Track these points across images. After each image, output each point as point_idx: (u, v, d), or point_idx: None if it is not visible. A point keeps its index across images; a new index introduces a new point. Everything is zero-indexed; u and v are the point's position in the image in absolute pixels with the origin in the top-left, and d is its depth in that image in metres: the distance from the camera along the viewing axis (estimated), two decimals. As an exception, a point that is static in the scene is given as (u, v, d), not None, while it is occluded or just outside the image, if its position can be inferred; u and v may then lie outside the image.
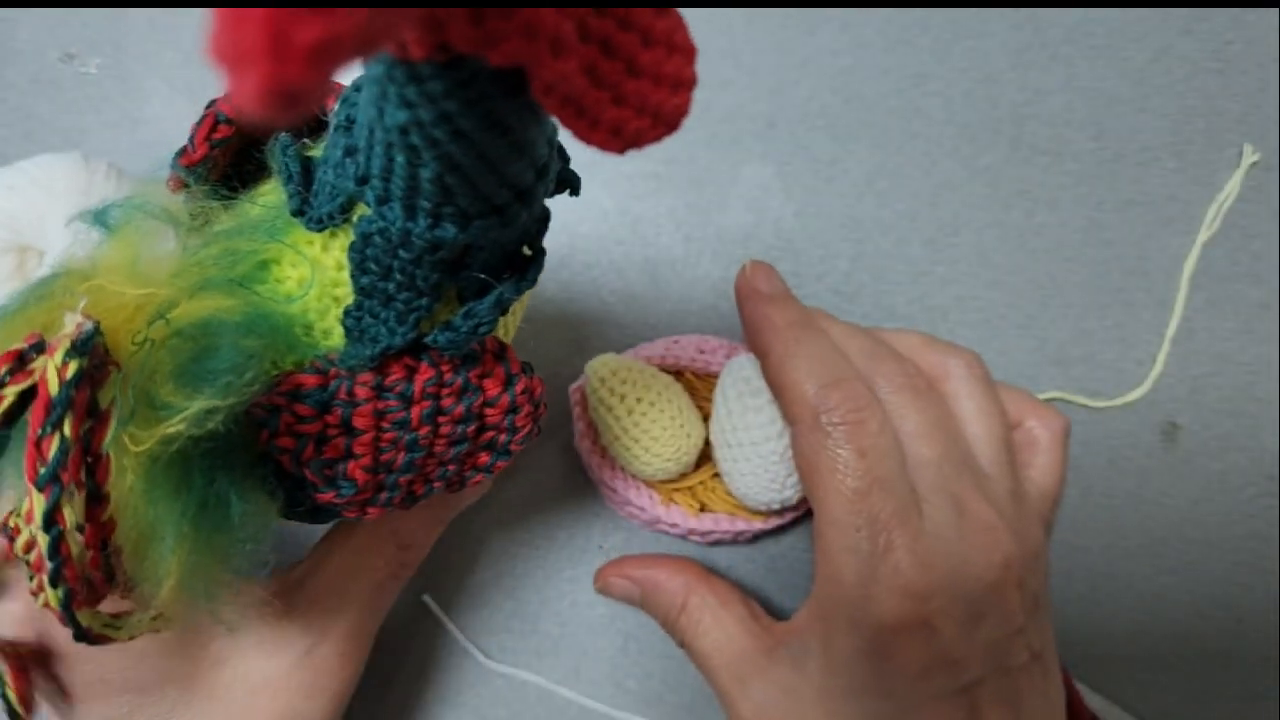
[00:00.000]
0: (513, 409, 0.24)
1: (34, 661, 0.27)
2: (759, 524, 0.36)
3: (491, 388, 0.23)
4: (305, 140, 0.23)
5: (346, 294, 0.22)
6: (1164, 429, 0.40)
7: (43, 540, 0.18)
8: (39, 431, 0.18)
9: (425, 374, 0.23)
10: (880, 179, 0.42)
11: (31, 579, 0.19)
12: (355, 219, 0.20)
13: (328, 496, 0.23)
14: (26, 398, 0.18)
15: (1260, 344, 0.40)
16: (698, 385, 0.37)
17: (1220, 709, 0.38)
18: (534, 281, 0.22)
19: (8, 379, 0.19)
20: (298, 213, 0.22)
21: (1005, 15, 0.43)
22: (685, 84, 0.17)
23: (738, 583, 0.38)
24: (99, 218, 0.23)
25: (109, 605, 0.21)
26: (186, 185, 0.25)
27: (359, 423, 0.22)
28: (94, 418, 0.18)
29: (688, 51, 0.17)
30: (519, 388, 0.24)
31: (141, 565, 0.20)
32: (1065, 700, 0.30)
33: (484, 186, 0.18)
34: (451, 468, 0.24)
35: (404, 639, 0.38)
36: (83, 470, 0.18)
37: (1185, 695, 0.38)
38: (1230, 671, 0.38)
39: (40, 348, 0.19)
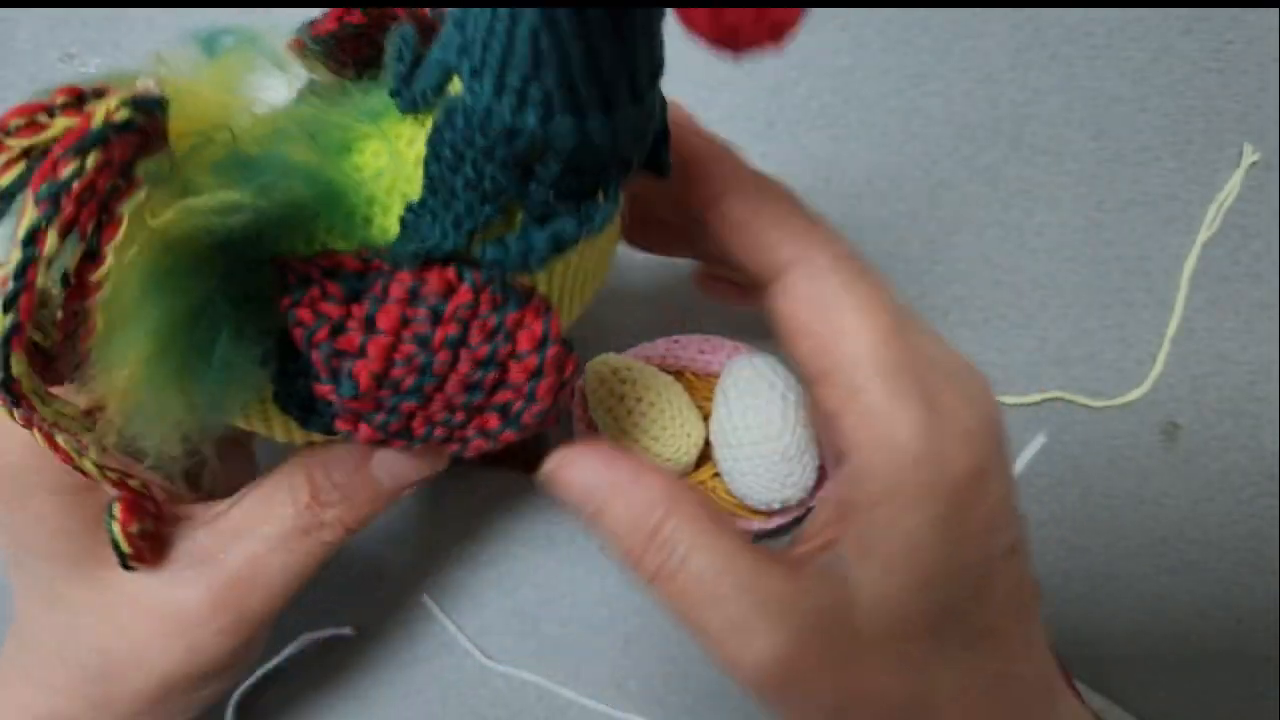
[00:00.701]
0: (538, 373, 0.22)
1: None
2: (759, 523, 0.36)
3: (524, 341, 0.22)
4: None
5: (416, 193, 0.21)
6: (1164, 429, 0.40)
7: (15, 256, 0.17)
8: (61, 151, 0.17)
9: (463, 296, 0.22)
10: (879, 179, 0.42)
11: None
12: (445, 100, 0.20)
13: (326, 389, 0.22)
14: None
15: (1261, 344, 0.40)
16: (698, 385, 0.37)
17: (1221, 709, 0.38)
18: (600, 226, 0.21)
19: (59, 112, 0.18)
20: (395, 93, 0.21)
21: (1005, 15, 0.43)
22: None
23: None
24: (208, 42, 0.22)
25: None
26: (305, 51, 0.24)
27: (382, 322, 0.21)
28: (124, 178, 0.18)
29: None
30: (551, 353, 0.22)
31: (104, 348, 0.19)
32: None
33: (576, 70, 0.18)
34: (459, 416, 0.23)
35: (404, 639, 0.38)
36: (91, 220, 0.17)
37: (1186, 695, 0.38)
38: (1231, 671, 0.38)
39: (102, 93, 0.18)
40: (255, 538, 0.27)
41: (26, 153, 0.18)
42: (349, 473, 0.27)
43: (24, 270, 0.17)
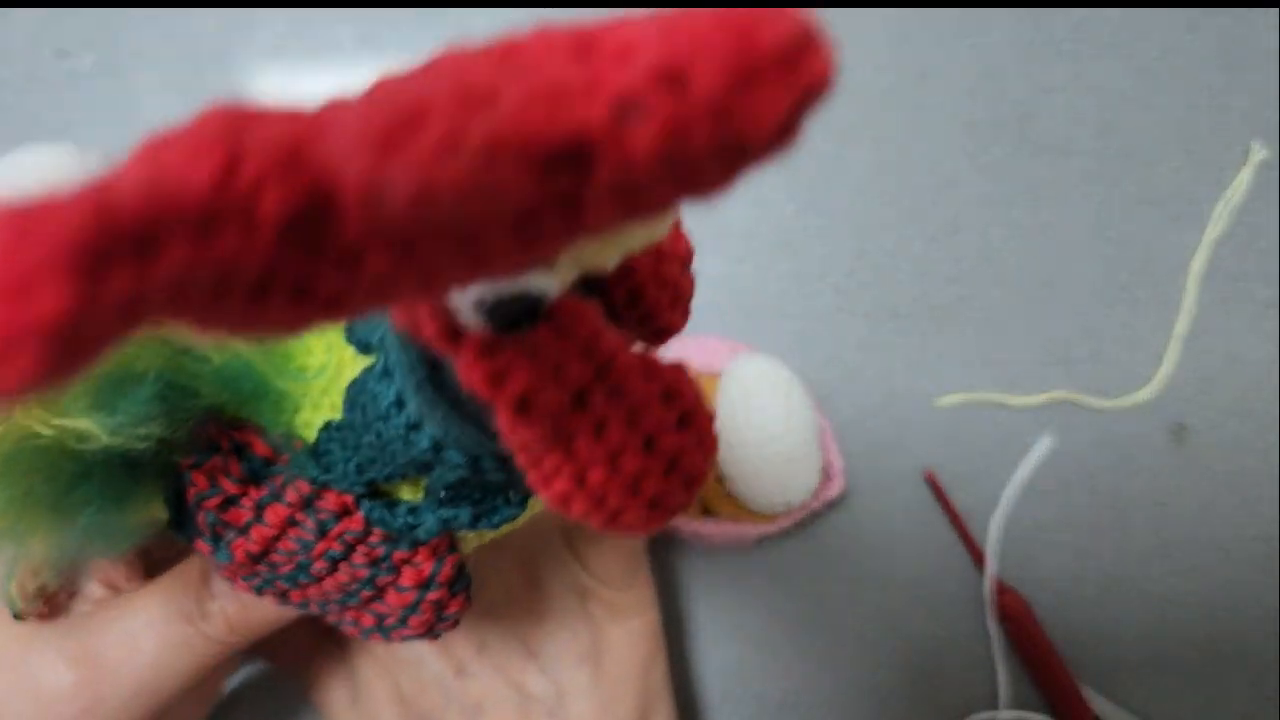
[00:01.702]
0: (412, 609, 0.22)
1: None
2: (764, 526, 0.36)
3: (408, 577, 0.22)
4: None
5: (339, 407, 0.21)
6: (1172, 430, 0.40)
7: None
8: None
9: (354, 524, 0.21)
10: (883, 176, 0.41)
11: None
12: (372, 358, 0.20)
13: (204, 548, 0.22)
14: None
15: (1268, 343, 0.40)
16: (700, 386, 0.36)
17: (1230, 713, 0.38)
18: (498, 525, 0.21)
19: None
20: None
21: (1010, 12, 0.42)
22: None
23: (742, 588, 0.38)
24: None
25: None
26: None
27: (269, 516, 0.21)
28: None
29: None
30: (431, 596, 0.22)
31: None
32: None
33: (469, 425, 0.17)
34: (333, 606, 0.23)
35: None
36: None
37: (1194, 699, 0.38)
38: (1239, 675, 0.38)
39: None
40: (136, 615, 0.26)
41: None
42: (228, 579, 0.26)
43: None
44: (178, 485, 0.22)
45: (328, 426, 0.21)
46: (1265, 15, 0.42)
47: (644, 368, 0.14)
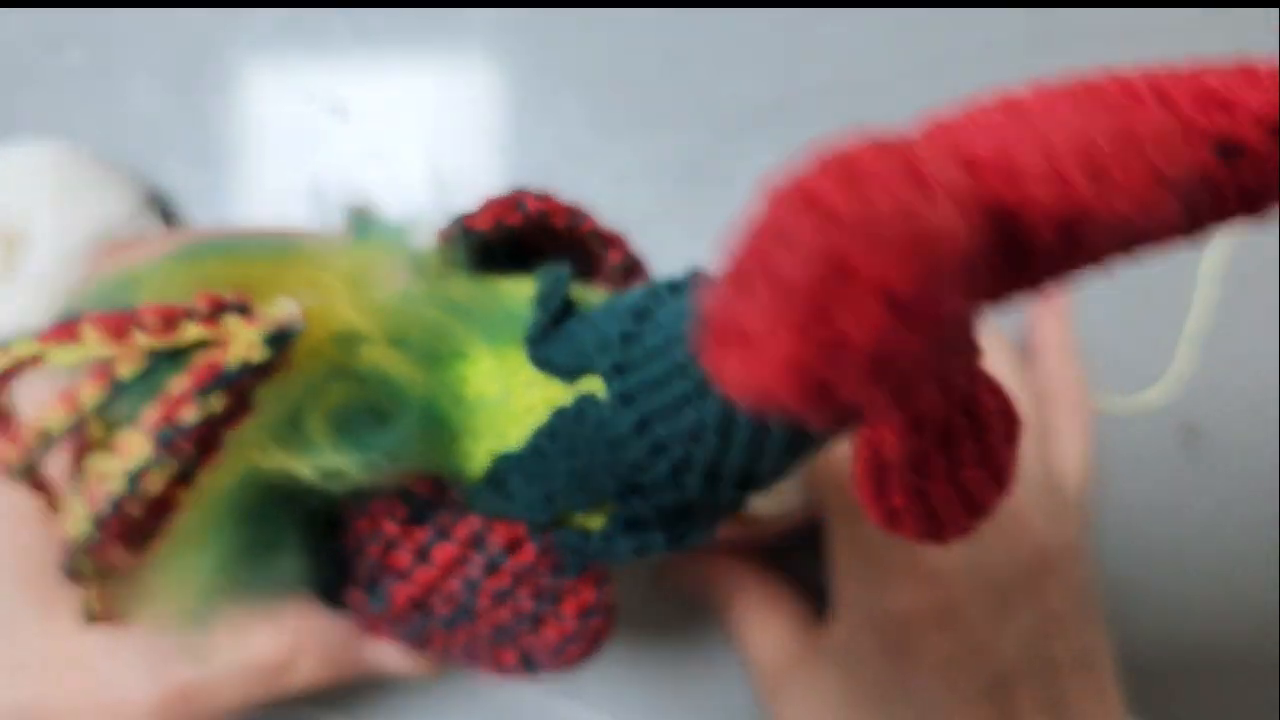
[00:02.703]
0: (570, 639, 0.22)
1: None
2: (764, 530, 0.35)
3: (570, 606, 0.22)
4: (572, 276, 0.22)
5: (513, 439, 0.20)
6: (1183, 433, 0.39)
7: (116, 484, 0.16)
8: (187, 389, 0.16)
9: (525, 556, 0.21)
10: (888, 173, 0.41)
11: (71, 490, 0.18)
12: (578, 385, 0.19)
13: (358, 597, 0.22)
14: (188, 349, 0.17)
15: (1281, 344, 0.40)
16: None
17: (1226, 712, 0.38)
18: (687, 549, 0.21)
19: (196, 319, 0.17)
20: (532, 341, 0.20)
21: (1013, 13, 0.42)
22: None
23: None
24: (360, 220, 0.22)
25: None
26: (451, 242, 0.23)
27: (437, 556, 0.21)
28: (241, 409, 0.17)
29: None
30: (593, 623, 0.22)
31: (164, 563, 0.19)
32: None
33: (724, 458, 0.17)
34: (480, 647, 0.23)
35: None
36: (195, 447, 0.17)
37: (1205, 703, 0.38)
38: (1236, 674, 0.38)
39: (243, 309, 0.17)
40: (224, 660, 0.27)
41: (151, 357, 0.17)
42: (341, 633, 0.27)
43: (118, 505, 0.17)
44: (328, 545, 0.22)
45: (505, 458, 0.20)
46: (1268, 15, 0.42)
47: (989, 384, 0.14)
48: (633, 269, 0.25)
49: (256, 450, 0.18)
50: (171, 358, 0.17)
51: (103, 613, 0.25)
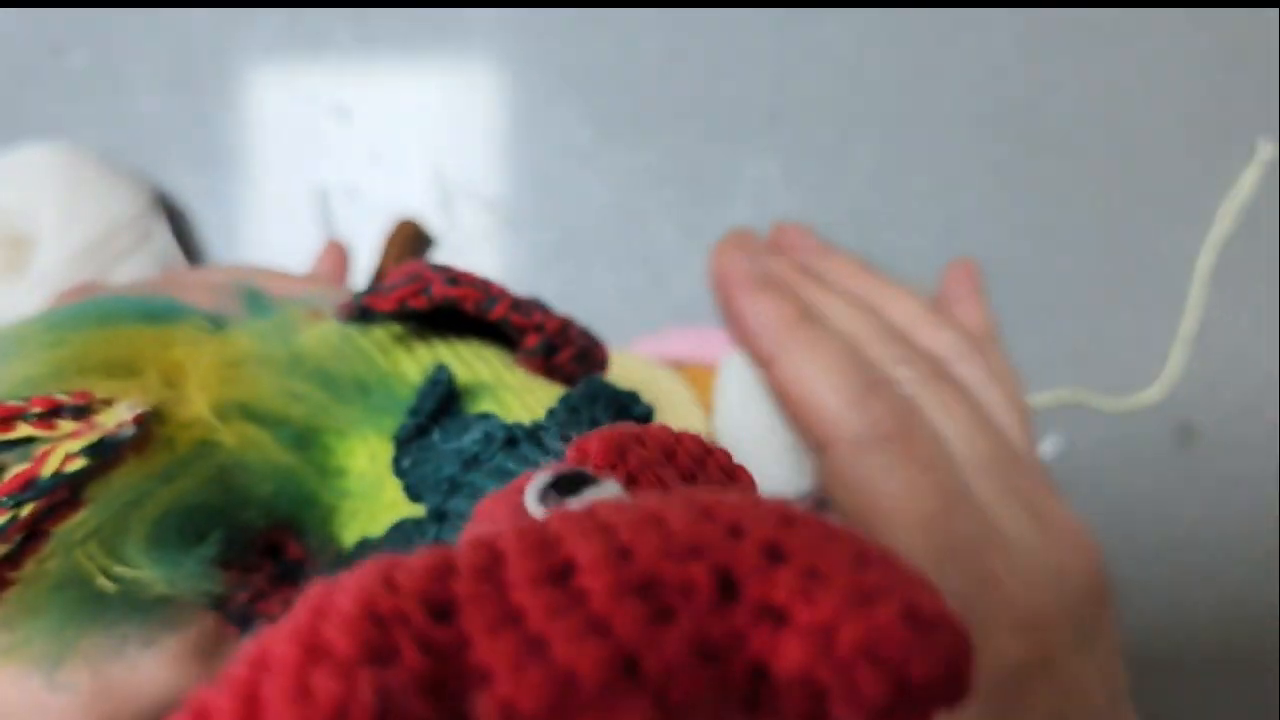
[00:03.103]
0: None
1: None
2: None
3: None
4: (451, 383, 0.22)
5: (380, 526, 0.20)
6: (1179, 430, 0.39)
7: None
8: (1, 499, 0.17)
9: None
10: (887, 173, 0.41)
11: None
12: (416, 507, 0.19)
13: (232, 629, 0.23)
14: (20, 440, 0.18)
15: (1275, 342, 0.40)
16: (699, 379, 0.36)
17: (1226, 710, 0.38)
18: None
19: (31, 419, 0.18)
20: (397, 442, 0.20)
21: (1014, 11, 0.42)
22: None
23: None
24: (252, 299, 0.22)
25: None
26: (353, 318, 0.23)
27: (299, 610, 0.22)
28: (67, 505, 0.18)
29: None
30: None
31: (6, 624, 0.19)
32: None
33: None
34: None
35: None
36: (17, 535, 0.17)
37: (1202, 699, 0.37)
38: (1236, 673, 0.38)
39: (81, 412, 0.18)
40: (148, 650, 0.26)
41: None
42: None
43: None
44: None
45: (364, 543, 0.20)
46: (1271, 14, 0.42)
47: None
48: (560, 346, 0.24)
49: (78, 548, 0.18)
50: (8, 446, 0.18)
51: None
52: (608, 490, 0.11)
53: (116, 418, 0.18)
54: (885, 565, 0.08)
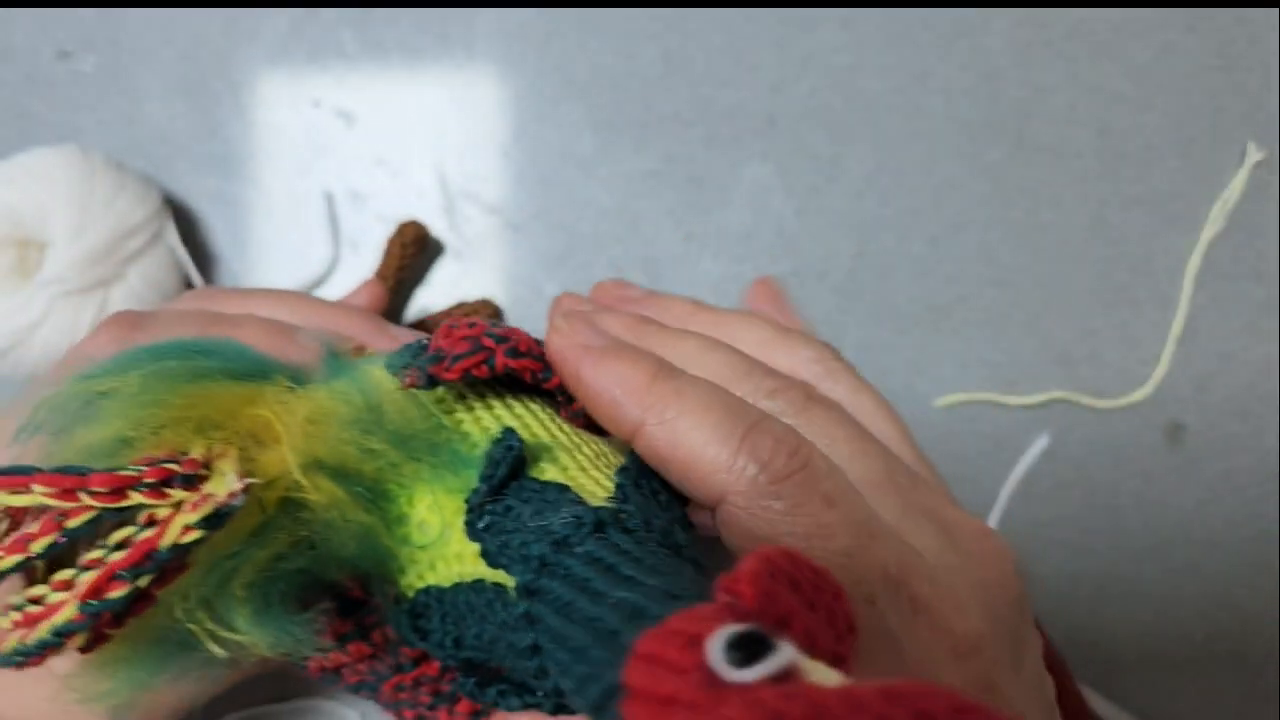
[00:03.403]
0: None
1: None
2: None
3: (463, 708, 0.23)
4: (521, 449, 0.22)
5: (442, 576, 0.21)
6: (1168, 429, 0.40)
7: (44, 634, 0.18)
8: (121, 571, 0.17)
9: (429, 670, 0.23)
10: (882, 177, 0.41)
11: (12, 610, 0.19)
12: (498, 573, 0.20)
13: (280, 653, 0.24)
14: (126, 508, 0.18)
15: (1265, 343, 0.40)
16: None
17: (1226, 711, 0.38)
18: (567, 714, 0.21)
19: (143, 489, 0.18)
20: (470, 508, 0.21)
21: (1007, 13, 0.42)
22: None
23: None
24: (332, 362, 0.23)
25: None
26: (419, 386, 0.23)
27: (350, 649, 0.23)
28: (174, 570, 0.18)
29: None
30: None
31: (97, 672, 0.20)
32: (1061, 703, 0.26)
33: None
34: (383, 703, 0.24)
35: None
36: (127, 595, 0.18)
37: (1191, 698, 0.38)
38: (1237, 673, 0.38)
39: (190, 480, 0.18)
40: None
41: (97, 516, 0.18)
42: None
43: (41, 648, 0.18)
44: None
45: (428, 591, 0.21)
46: (1262, 16, 0.42)
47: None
48: None
49: (183, 613, 0.19)
50: (118, 510, 0.18)
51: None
52: (785, 656, 0.12)
53: (227, 487, 0.18)
54: None
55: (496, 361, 0.23)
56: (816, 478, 0.21)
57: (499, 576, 0.20)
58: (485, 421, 0.23)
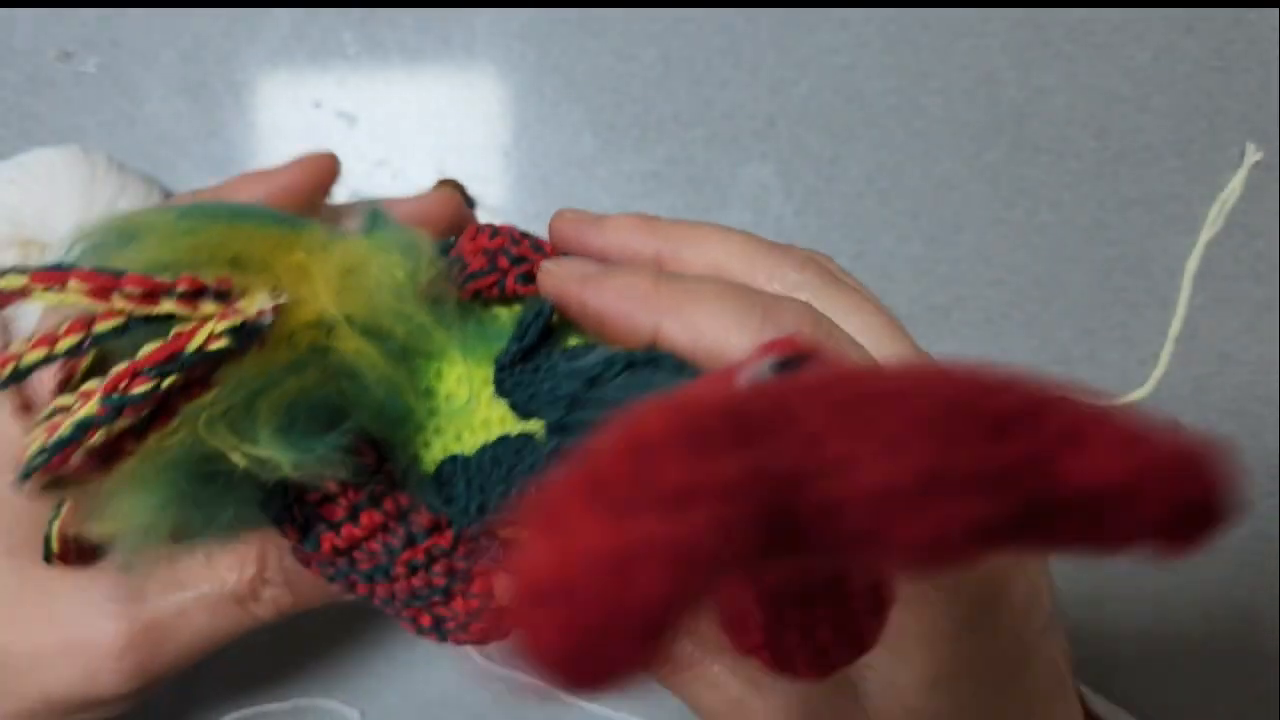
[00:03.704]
0: (476, 615, 0.23)
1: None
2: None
3: (479, 587, 0.23)
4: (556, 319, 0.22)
5: (467, 444, 0.22)
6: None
7: (66, 430, 0.18)
8: (142, 368, 0.17)
9: (442, 540, 0.23)
10: (881, 178, 0.41)
11: (45, 416, 0.19)
12: (526, 424, 0.20)
13: (293, 535, 0.23)
14: (164, 320, 0.18)
15: (1263, 343, 0.40)
16: None
17: (1226, 710, 0.38)
18: None
19: (175, 298, 0.18)
20: (499, 366, 0.21)
21: (1006, 14, 0.42)
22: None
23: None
24: (374, 218, 0.22)
25: None
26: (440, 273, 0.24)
27: (362, 519, 0.23)
28: (199, 384, 0.18)
29: None
30: (496, 605, 0.23)
31: (111, 496, 0.20)
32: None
33: None
34: (398, 603, 0.24)
35: (404, 640, 0.38)
36: (148, 408, 0.18)
37: (1190, 697, 0.38)
38: (1235, 672, 0.38)
39: (220, 294, 0.19)
40: (189, 592, 0.27)
41: (126, 324, 0.18)
42: (299, 562, 0.26)
43: (62, 446, 0.18)
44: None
45: (454, 459, 0.22)
46: (1261, 17, 0.42)
47: None
48: None
49: (205, 426, 0.19)
50: (146, 321, 0.18)
51: (61, 551, 0.26)
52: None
53: (257, 305, 0.18)
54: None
55: (507, 285, 0.23)
56: (842, 348, 0.20)
57: (527, 426, 0.20)
58: (509, 313, 0.23)
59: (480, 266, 0.23)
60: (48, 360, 0.18)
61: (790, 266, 0.23)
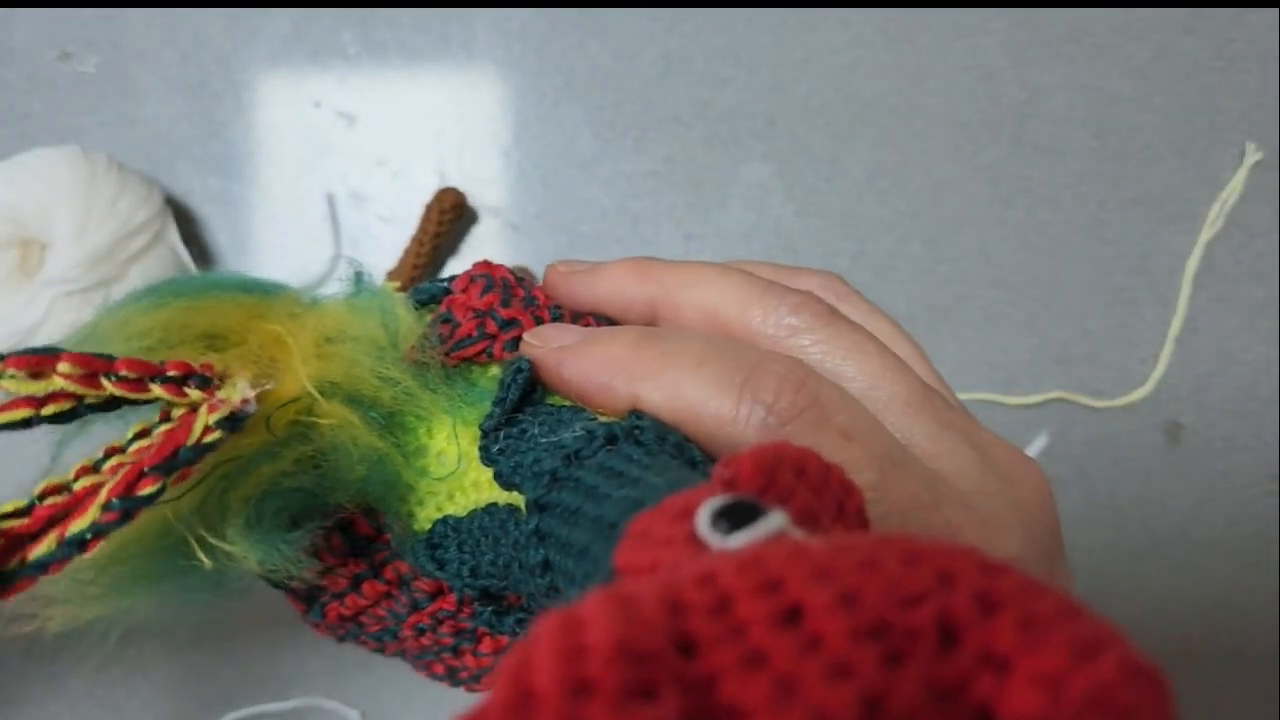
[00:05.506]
0: (486, 670, 0.23)
1: None
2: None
3: (487, 645, 0.23)
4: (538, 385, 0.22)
5: (459, 506, 0.22)
6: (1167, 429, 0.40)
7: (76, 528, 0.17)
8: (147, 467, 0.17)
9: (445, 604, 0.22)
10: (881, 177, 0.41)
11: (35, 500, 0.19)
12: (511, 495, 0.20)
13: (297, 606, 0.23)
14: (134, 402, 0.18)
15: (1262, 343, 0.40)
16: None
17: (1227, 711, 0.38)
18: None
19: (162, 383, 0.18)
20: (484, 431, 0.21)
21: (1006, 14, 0.42)
22: None
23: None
24: (358, 279, 0.22)
25: None
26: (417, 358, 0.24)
27: (365, 589, 0.22)
28: (182, 474, 0.18)
29: None
30: (509, 663, 0.23)
31: (83, 568, 0.20)
32: None
33: None
34: (410, 654, 0.24)
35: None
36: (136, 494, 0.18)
37: (1191, 698, 0.38)
38: (1235, 671, 0.38)
39: (206, 383, 0.18)
40: None
41: (115, 398, 0.18)
42: (310, 627, 0.27)
43: (55, 561, 0.17)
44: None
45: (445, 521, 0.21)
46: (1260, 16, 0.42)
47: None
48: None
49: (178, 519, 0.18)
50: (134, 404, 0.18)
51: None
52: (775, 522, 0.11)
53: (240, 393, 0.18)
54: (1091, 615, 0.09)
55: (495, 353, 0.23)
56: (828, 411, 0.19)
57: (513, 498, 0.20)
58: (493, 370, 0.23)
59: (468, 333, 0.23)
60: (29, 422, 0.18)
61: (788, 308, 0.22)
